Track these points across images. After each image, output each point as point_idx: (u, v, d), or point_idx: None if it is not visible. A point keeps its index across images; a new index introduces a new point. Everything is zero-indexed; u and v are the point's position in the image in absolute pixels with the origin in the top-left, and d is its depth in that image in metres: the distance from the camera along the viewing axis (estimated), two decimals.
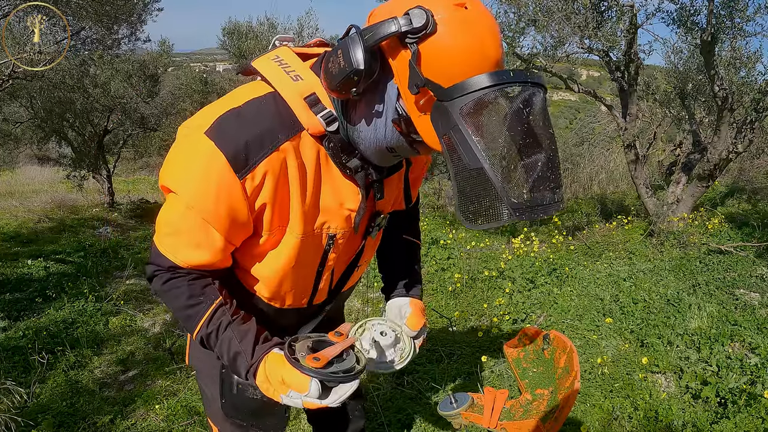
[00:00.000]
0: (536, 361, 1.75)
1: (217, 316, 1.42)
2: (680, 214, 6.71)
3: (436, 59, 1.14)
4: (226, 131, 1.24)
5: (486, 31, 1.16)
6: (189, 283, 1.41)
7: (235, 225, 1.32)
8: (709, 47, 5.73)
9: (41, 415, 3.61)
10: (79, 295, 5.69)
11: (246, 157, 1.24)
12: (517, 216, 1.10)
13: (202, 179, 1.25)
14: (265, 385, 1.38)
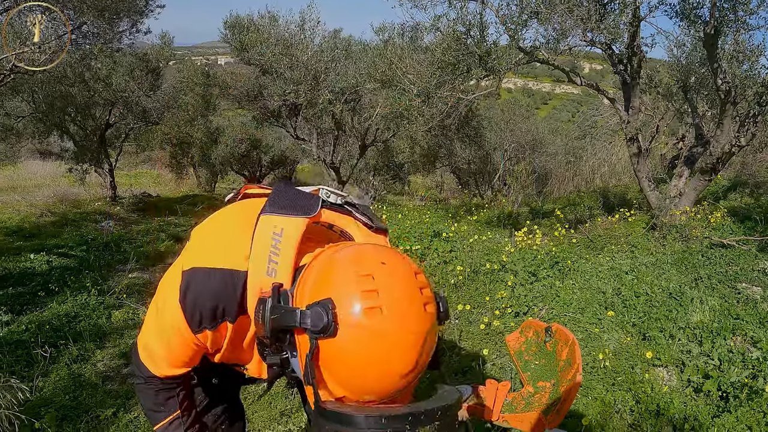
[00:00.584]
0: (538, 354, 1.75)
1: (172, 427, 1.66)
2: (683, 208, 6.70)
3: (332, 362, 1.12)
4: (190, 295, 1.39)
5: (397, 347, 1.10)
6: (155, 394, 1.62)
7: (196, 352, 1.52)
8: (712, 40, 5.71)
9: (44, 408, 3.62)
10: (81, 289, 5.70)
11: (199, 322, 1.40)
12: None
13: (168, 321, 1.44)
14: None
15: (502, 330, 4.32)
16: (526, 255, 5.72)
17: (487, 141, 12.59)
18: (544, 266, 5.37)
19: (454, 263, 5.89)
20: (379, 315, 1.08)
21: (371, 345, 1.08)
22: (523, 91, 71.78)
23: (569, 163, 13.19)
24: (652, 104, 10.87)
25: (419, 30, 9.48)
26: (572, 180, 12.82)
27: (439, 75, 7.48)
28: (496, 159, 12.64)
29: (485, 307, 4.90)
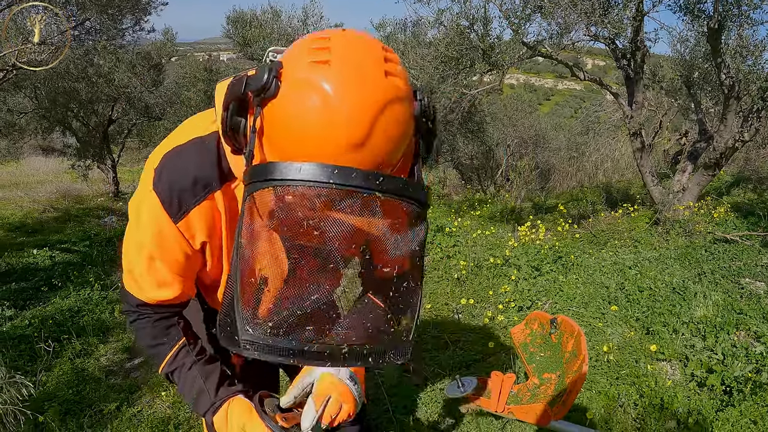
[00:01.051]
0: (543, 346, 1.74)
1: (180, 356, 1.49)
2: (686, 203, 6.69)
3: (273, 127, 1.00)
4: (165, 179, 1.27)
5: (342, 108, 0.93)
6: (153, 325, 1.47)
7: (183, 261, 1.36)
8: (715, 35, 5.69)
9: (48, 402, 3.63)
10: (84, 284, 5.71)
11: (179, 204, 1.27)
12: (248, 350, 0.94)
13: (150, 226, 1.30)
14: (220, 424, 1.44)
15: (506, 324, 4.32)
16: (529, 250, 5.71)
17: (490, 136, 12.56)
18: (548, 261, 5.37)
19: (458, 258, 5.89)
20: (326, 68, 0.94)
21: (312, 101, 0.93)
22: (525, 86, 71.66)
23: (572, 159, 13.16)
24: (655, 100, 10.84)
25: (421, 25, 9.48)
26: (575, 175, 12.80)
27: (443, 70, 7.47)
28: (498, 154, 12.62)
29: (489, 301, 4.90)
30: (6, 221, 9.44)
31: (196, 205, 1.27)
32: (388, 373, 3.65)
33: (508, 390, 1.59)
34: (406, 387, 3.50)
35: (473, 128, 11.70)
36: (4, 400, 3.14)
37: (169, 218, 1.28)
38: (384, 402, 3.28)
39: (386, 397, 3.31)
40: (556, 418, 1.47)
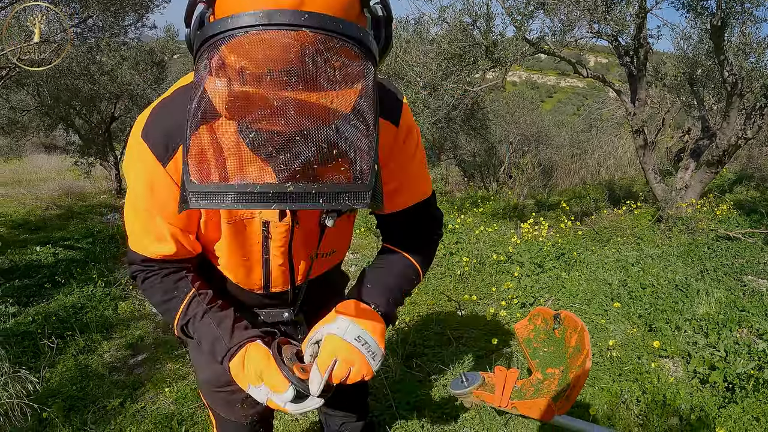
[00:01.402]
0: (547, 341, 1.75)
1: (192, 307, 1.49)
2: (689, 200, 6.69)
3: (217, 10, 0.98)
4: (152, 126, 1.29)
5: None
6: (162, 280, 1.49)
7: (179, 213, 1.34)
8: (718, 32, 5.69)
9: (51, 398, 3.64)
10: (88, 281, 5.72)
11: (166, 145, 1.27)
12: (194, 201, 0.92)
13: (140, 176, 1.32)
14: (237, 371, 1.43)
15: (509, 321, 4.33)
16: (532, 246, 5.72)
17: (492, 133, 12.56)
18: (550, 258, 5.37)
19: (460, 254, 5.89)
20: None
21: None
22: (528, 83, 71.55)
23: (575, 156, 13.16)
24: (658, 97, 10.84)
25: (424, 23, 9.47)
26: (578, 172, 12.79)
27: (445, 66, 7.47)
28: (501, 151, 12.62)
29: (491, 298, 4.91)
30: (9, 218, 9.45)
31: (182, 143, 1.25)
32: (392, 369, 3.66)
33: (512, 385, 1.59)
34: (410, 383, 3.51)
35: (476, 125, 11.69)
36: (10, 395, 3.15)
37: (158, 162, 1.28)
38: (387, 398, 3.29)
39: (389, 392, 3.32)
40: (560, 413, 1.47)
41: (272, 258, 1.51)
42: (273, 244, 1.47)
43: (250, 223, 1.43)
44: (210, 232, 1.45)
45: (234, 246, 1.47)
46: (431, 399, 3.35)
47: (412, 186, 1.55)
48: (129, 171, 1.36)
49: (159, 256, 1.44)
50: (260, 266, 1.54)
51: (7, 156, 18.23)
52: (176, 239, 1.41)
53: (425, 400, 3.33)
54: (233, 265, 1.55)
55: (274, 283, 1.61)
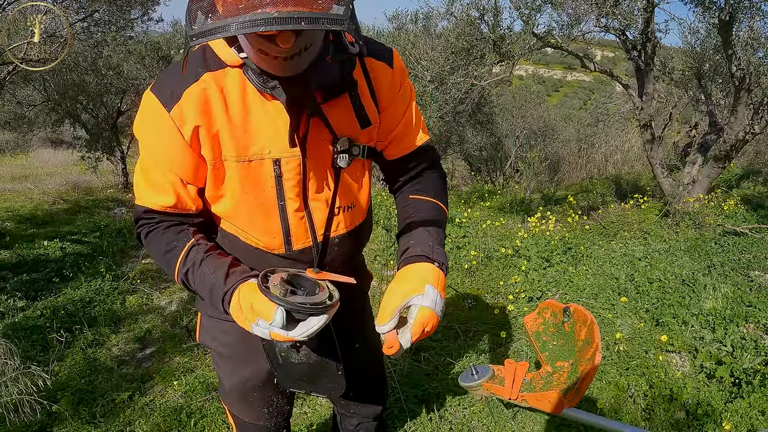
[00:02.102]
0: (556, 334, 1.75)
1: (191, 255, 1.51)
2: (696, 195, 6.67)
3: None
4: (160, 81, 1.42)
5: None
6: (163, 232, 1.54)
7: (179, 157, 1.43)
8: (726, 27, 5.66)
9: (60, 392, 3.66)
10: (95, 275, 5.75)
11: (172, 93, 1.38)
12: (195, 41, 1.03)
13: (146, 126, 1.45)
14: (236, 314, 1.42)
15: (516, 314, 4.33)
16: (539, 241, 5.71)
17: (499, 127, 12.55)
18: (558, 252, 5.37)
19: (468, 248, 5.90)
20: None
21: None
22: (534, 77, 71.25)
23: (581, 150, 13.12)
24: (665, 91, 10.80)
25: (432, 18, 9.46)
26: (585, 167, 12.76)
27: (453, 60, 7.46)
28: (507, 146, 12.60)
29: (499, 292, 4.91)
30: (16, 213, 9.49)
31: (187, 87, 1.37)
32: (400, 362, 3.67)
33: (522, 377, 1.59)
34: (418, 376, 3.52)
35: (482, 119, 11.67)
36: (20, 390, 3.17)
37: (163, 108, 1.37)
38: (395, 391, 3.30)
39: (398, 386, 3.33)
40: (570, 405, 1.48)
41: (288, 203, 1.52)
42: (286, 184, 1.49)
43: (261, 164, 1.46)
44: (219, 182, 1.49)
45: (247, 191, 1.49)
46: (439, 392, 3.35)
47: (416, 128, 1.69)
48: (137, 127, 1.47)
49: (159, 207, 1.50)
50: (277, 213, 1.53)
51: (14, 151, 18.34)
52: (176, 191, 1.48)
53: (433, 393, 3.34)
54: (249, 219, 1.55)
55: (294, 237, 1.59)
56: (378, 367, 2.21)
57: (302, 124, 1.42)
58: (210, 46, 1.40)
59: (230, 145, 1.42)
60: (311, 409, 3.34)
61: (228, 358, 1.83)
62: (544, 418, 3.02)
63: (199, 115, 1.38)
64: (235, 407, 1.94)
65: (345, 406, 2.26)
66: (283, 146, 1.43)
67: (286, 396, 1.95)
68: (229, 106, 1.40)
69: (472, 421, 3.08)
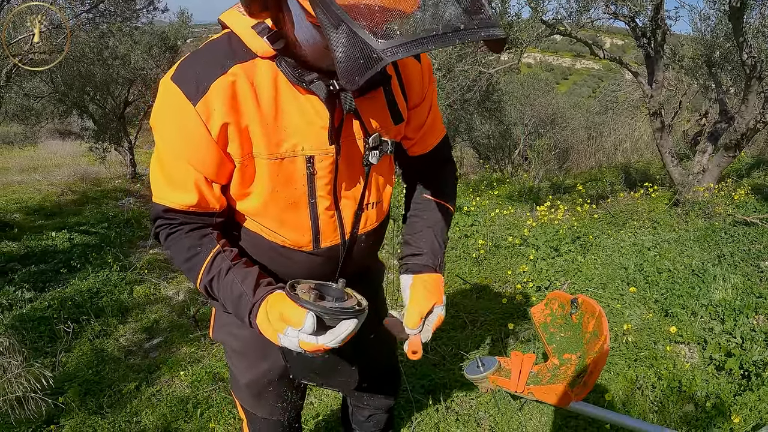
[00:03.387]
0: (564, 326, 1.73)
1: (216, 263, 1.46)
2: (706, 184, 6.61)
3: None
4: (182, 70, 1.33)
5: None
6: (186, 235, 1.47)
7: (204, 154, 1.35)
8: (737, 14, 5.58)
9: (68, 383, 3.68)
10: (103, 265, 5.76)
11: (197, 84, 1.29)
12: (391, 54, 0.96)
13: (168, 118, 1.35)
14: (264, 325, 1.39)
15: (524, 304, 4.31)
16: (547, 229, 5.68)
17: (507, 116, 12.48)
18: (566, 241, 5.34)
19: (476, 237, 5.87)
20: None
21: None
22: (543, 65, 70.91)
23: (591, 139, 13.04)
24: (675, 79, 10.71)
25: None
26: (594, 155, 12.68)
27: (460, 48, 7.41)
28: (516, 134, 12.54)
29: (507, 281, 4.89)
30: (24, 204, 9.53)
31: (214, 80, 1.29)
32: None
33: (528, 370, 1.58)
34: (424, 367, 3.50)
35: (491, 107, 11.61)
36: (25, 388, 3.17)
37: (188, 101, 1.29)
38: (402, 381, 3.28)
39: (404, 376, 3.32)
40: (577, 398, 1.46)
41: (319, 201, 1.48)
42: (319, 182, 1.45)
43: (293, 162, 1.41)
44: (248, 180, 1.43)
45: (278, 188, 1.44)
46: (446, 383, 3.34)
47: (438, 124, 1.70)
48: (156, 119, 1.38)
49: (180, 207, 1.43)
50: (307, 211, 1.50)
51: (22, 143, 18.41)
52: (199, 189, 1.41)
53: (440, 383, 3.33)
54: (278, 217, 1.51)
55: (323, 235, 1.56)
56: (392, 360, 2.23)
57: (336, 120, 1.39)
58: (237, 35, 1.34)
59: (261, 141, 1.36)
60: (318, 399, 3.33)
61: (243, 354, 1.81)
62: (551, 410, 3.00)
63: (227, 110, 1.31)
64: (248, 402, 1.93)
65: (358, 398, 2.26)
66: (317, 143, 1.40)
67: (299, 391, 1.94)
68: (260, 100, 1.33)
69: (478, 412, 3.07)
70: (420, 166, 1.75)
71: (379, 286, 2.07)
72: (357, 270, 1.72)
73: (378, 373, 2.12)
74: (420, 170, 1.77)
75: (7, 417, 3.12)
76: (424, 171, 1.76)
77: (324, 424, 3.09)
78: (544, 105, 13.40)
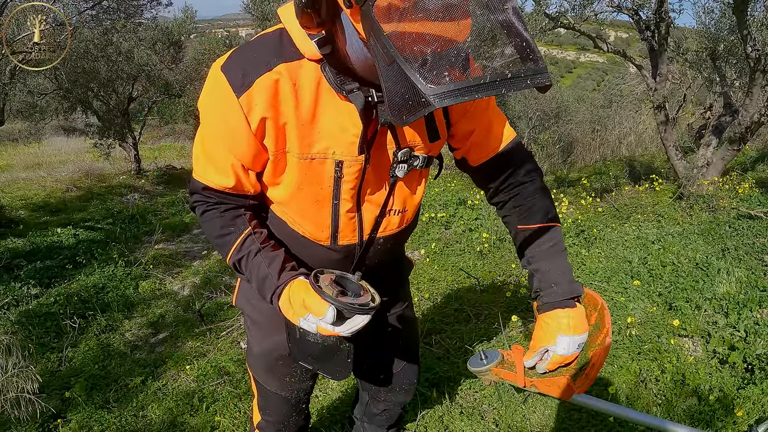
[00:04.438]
0: None
1: (246, 244, 1.56)
2: (710, 178, 6.60)
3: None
4: (233, 60, 1.38)
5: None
6: (221, 215, 1.56)
7: (242, 144, 1.42)
8: (741, 6, 5.57)
9: (74, 378, 3.69)
10: (108, 261, 5.78)
11: (243, 78, 1.34)
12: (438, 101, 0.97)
13: (213, 105, 1.42)
14: (286, 307, 1.50)
15: (528, 297, 4.32)
16: None
17: (511, 109, 12.45)
18: (570, 234, 5.34)
19: (480, 230, 5.88)
20: None
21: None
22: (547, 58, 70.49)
23: (595, 132, 13.00)
24: (679, 72, 10.67)
25: None
26: (598, 149, 12.64)
27: None
28: (520, 127, 12.51)
29: (511, 274, 4.89)
30: (29, 201, 9.56)
31: (259, 76, 1.34)
32: None
33: (522, 362, 1.58)
34: (429, 360, 3.52)
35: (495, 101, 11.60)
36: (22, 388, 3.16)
37: (232, 92, 1.34)
38: None
39: None
40: (579, 391, 1.46)
41: (342, 203, 1.53)
42: (344, 186, 1.50)
43: (322, 163, 1.46)
44: (279, 172, 1.49)
45: (305, 186, 1.50)
46: (450, 376, 3.35)
47: (497, 129, 1.66)
48: (203, 103, 1.44)
49: (218, 187, 1.51)
50: (329, 210, 1.55)
51: (27, 139, 18.45)
52: (236, 173, 1.48)
53: (444, 377, 3.34)
54: (301, 210, 1.58)
55: (342, 234, 1.61)
56: (412, 355, 2.24)
57: (370, 131, 1.43)
58: (288, 34, 1.37)
59: (295, 140, 1.41)
60: (323, 393, 3.35)
61: (259, 324, 1.89)
62: (555, 403, 3.01)
63: (268, 107, 1.36)
64: (260, 374, 1.99)
65: (376, 392, 2.28)
66: (348, 150, 1.43)
67: (309, 371, 1.97)
68: (300, 100, 1.38)
69: (482, 405, 3.08)
70: (489, 175, 1.72)
71: (401, 281, 2.12)
72: (373, 267, 1.76)
73: (397, 367, 2.16)
74: (492, 180, 1.73)
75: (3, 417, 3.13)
76: (497, 180, 1.72)
77: (329, 417, 3.11)
78: (549, 98, 13.34)
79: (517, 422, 2.91)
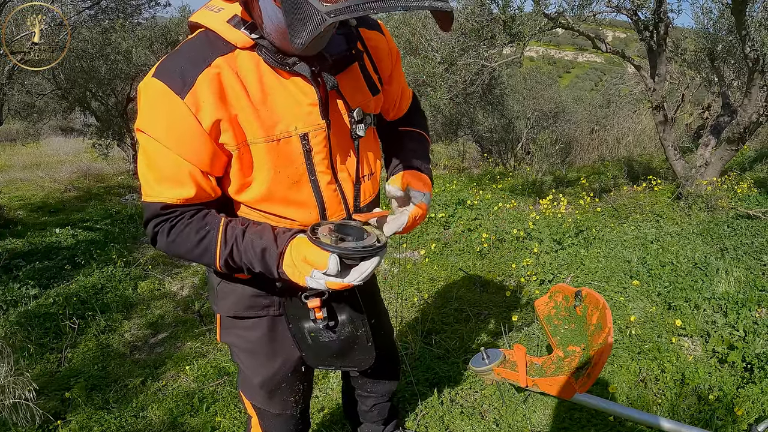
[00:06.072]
0: (568, 318, 1.74)
1: (229, 232, 1.47)
2: (709, 178, 6.61)
3: None
4: (165, 67, 1.36)
5: None
6: (189, 221, 1.47)
7: (197, 146, 1.38)
8: (740, 7, 5.57)
9: (73, 379, 3.69)
10: (107, 261, 5.77)
11: (183, 79, 1.33)
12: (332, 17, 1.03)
13: (156, 116, 1.36)
14: (290, 270, 1.43)
15: (528, 297, 4.32)
16: (551, 223, 5.69)
17: (510, 109, 12.44)
18: (569, 234, 5.35)
19: (479, 231, 5.88)
20: None
21: None
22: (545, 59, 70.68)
23: (593, 132, 13.00)
24: (677, 73, 10.68)
25: None
26: (596, 149, 12.64)
27: (463, 41, 7.40)
28: (518, 127, 12.50)
29: (510, 274, 4.89)
30: (28, 202, 9.55)
31: (200, 73, 1.33)
32: (411, 345, 3.67)
33: (524, 362, 1.59)
34: (429, 359, 3.52)
35: (493, 101, 11.60)
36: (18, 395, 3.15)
37: (175, 95, 1.32)
38: (406, 374, 3.30)
39: (408, 369, 3.33)
40: (581, 391, 1.47)
41: (319, 177, 1.54)
42: (316, 158, 1.51)
43: (288, 143, 1.46)
44: (247, 167, 1.46)
45: (279, 171, 1.48)
46: (450, 375, 3.35)
47: (406, 88, 1.86)
48: (143, 120, 1.39)
49: (179, 200, 1.44)
50: (310, 188, 1.54)
51: (25, 140, 18.41)
52: (196, 180, 1.42)
53: (444, 376, 3.34)
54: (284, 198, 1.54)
55: (329, 210, 1.60)
56: (391, 344, 2.26)
57: (321, 97, 1.45)
58: (213, 31, 1.39)
59: (255, 127, 1.40)
60: (323, 393, 3.35)
61: (253, 353, 1.83)
62: (556, 402, 3.01)
63: (216, 102, 1.35)
64: (260, 400, 1.94)
65: (362, 384, 2.28)
66: (308, 120, 1.45)
67: (310, 382, 1.98)
68: (247, 87, 1.38)
69: (483, 405, 3.08)
70: (396, 124, 1.91)
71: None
72: None
73: (380, 358, 2.13)
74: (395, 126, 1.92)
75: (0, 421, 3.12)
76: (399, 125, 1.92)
77: (330, 417, 3.11)
78: (547, 98, 13.34)
79: (517, 422, 2.91)
